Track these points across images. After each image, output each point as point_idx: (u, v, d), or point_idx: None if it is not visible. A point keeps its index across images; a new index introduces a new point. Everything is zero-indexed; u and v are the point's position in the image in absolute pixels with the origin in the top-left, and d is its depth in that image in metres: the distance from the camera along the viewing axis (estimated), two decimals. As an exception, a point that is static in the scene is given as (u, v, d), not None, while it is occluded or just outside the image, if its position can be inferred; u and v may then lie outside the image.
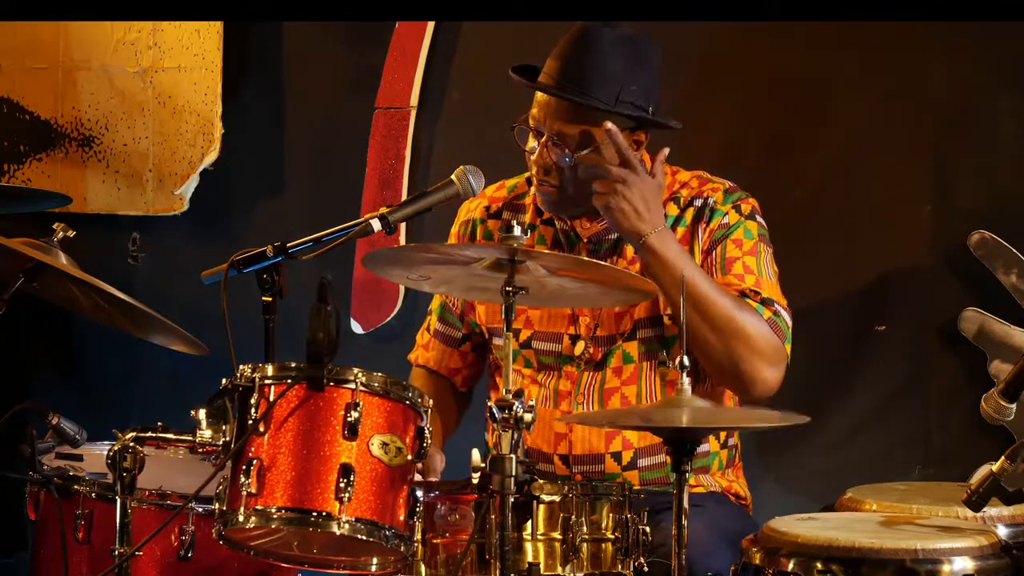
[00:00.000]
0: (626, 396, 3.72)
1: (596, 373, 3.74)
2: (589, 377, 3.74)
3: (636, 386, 3.73)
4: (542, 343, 3.79)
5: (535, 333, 3.79)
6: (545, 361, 3.78)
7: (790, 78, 4.59)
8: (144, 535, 3.24)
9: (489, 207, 3.92)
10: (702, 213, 3.75)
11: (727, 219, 3.74)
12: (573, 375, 3.75)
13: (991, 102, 4.42)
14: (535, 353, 3.79)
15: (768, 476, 4.53)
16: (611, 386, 3.73)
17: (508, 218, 3.87)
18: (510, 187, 3.93)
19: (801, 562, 3.07)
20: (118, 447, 3.20)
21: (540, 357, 3.78)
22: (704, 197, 3.77)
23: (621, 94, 3.63)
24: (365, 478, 3.08)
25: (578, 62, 3.64)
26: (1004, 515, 3.28)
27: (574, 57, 3.65)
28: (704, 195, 3.77)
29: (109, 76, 5.16)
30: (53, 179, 5.19)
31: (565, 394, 3.75)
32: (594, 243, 3.78)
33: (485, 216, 3.91)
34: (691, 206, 3.76)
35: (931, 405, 4.47)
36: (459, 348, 3.95)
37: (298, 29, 5.07)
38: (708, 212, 3.75)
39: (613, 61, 3.64)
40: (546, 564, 3.22)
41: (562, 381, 3.75)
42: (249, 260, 3.44)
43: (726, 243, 3.72)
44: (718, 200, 3.76)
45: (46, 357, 5.32)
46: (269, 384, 3.13)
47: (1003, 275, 4.31)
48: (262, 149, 5.13)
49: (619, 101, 3.63)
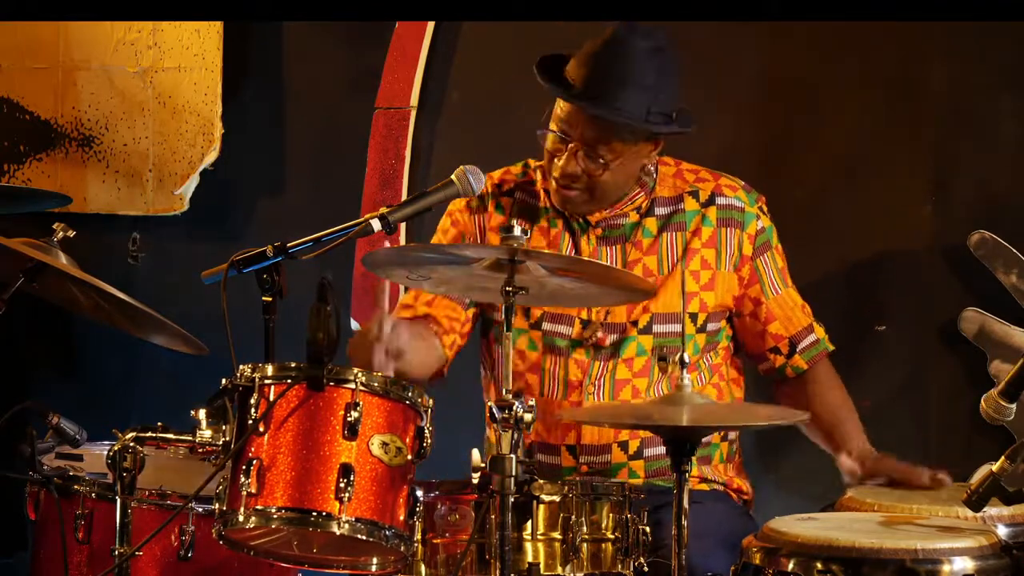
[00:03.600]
0: (637, 387, 3.73)
1: (608, 362, 3.74)
2: (600, 367, 3.74)
3: (648, 378, 3.73)
4: (553, 324, 3.78)
5: (546, 314, 3.78)
6: (554, 344, 3.77)
7: (790, 78, 4.59)
8: (144, 535, 3.24)
9: (501, 184, 3.88)
10: (731, 215, 3.78)
11: (760, 223, 3.80)
12: (584, 364, 3.75)
13: (991, 102, 4.43)
14: (543, 335, 3.78)
15: (768, 476, 4.53)
16: (622, 377, 3.74)
17: (521, 198, 3.86)
18: (517, 172, 3.91)
19: (801, 562, 3.07)
20: (118, 447, 3.20)
21: (548, 339, 3.77)
22: (726, 196, 3.79)
23: (652, 107, 3.62)
24: (365, 478, 3.08)
25: (609, 73, 3.61)
26: (1004, 515, 3.28)
27: (605, 67, 3.61)
28: (725, 193, 3.80)
29: (109, 76, 5.16)
30: (53, 179, 5.19)
31: (575, 384, 3.74)
32: (604, 228, 3.79)
33: (498, 192, 3.87)
34: (714, 204, 3.78)
35: (931, 405, 4.47)
36: (467, 311, 3.86)
37: (298, 29, 5.07)
38: (739, 215, 3.78)
39: (645, 74, 3.61)
40: (546, 564, 3.22)
41: (572, 370, 3.75)
42: (249, 260, 3.43)
43: (772, 252, 3.81)
44: (744, 201, 3.80)
45: (46, 357, 5.32)
46: (269, 384, 3.13)
47: (1003, 275, 4.31)
48: (262, 149, 5.13)
49: (649, 113, 3.62)
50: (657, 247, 3.76)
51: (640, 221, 3.77)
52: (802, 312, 3.85)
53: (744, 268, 3.78)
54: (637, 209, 3.77)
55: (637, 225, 3.77)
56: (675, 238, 3.77)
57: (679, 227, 3.77)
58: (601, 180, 3.68)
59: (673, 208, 3.79)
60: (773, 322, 3.81)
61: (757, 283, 3.79)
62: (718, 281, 3.76)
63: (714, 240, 3.76)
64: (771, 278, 3.80)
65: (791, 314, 3.82)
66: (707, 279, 3.75)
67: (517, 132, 4.78)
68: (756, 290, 3.80)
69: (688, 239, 3.76)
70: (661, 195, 3.79)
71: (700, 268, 3.75)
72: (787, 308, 3.82)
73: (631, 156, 3.68)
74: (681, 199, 3.79)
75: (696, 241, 3.76)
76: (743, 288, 3.79)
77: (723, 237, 3.77)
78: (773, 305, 3.81)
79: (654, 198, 3.79)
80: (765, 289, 3.80)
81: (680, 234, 3.77)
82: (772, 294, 3.80)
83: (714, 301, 3.76)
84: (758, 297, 3.80)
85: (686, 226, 3.77)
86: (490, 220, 3.85)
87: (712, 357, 3.79)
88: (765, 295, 3.80)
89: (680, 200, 3.79)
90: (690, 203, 3.79)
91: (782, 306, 3.81)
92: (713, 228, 3.77)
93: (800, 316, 3.84)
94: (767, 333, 3.81)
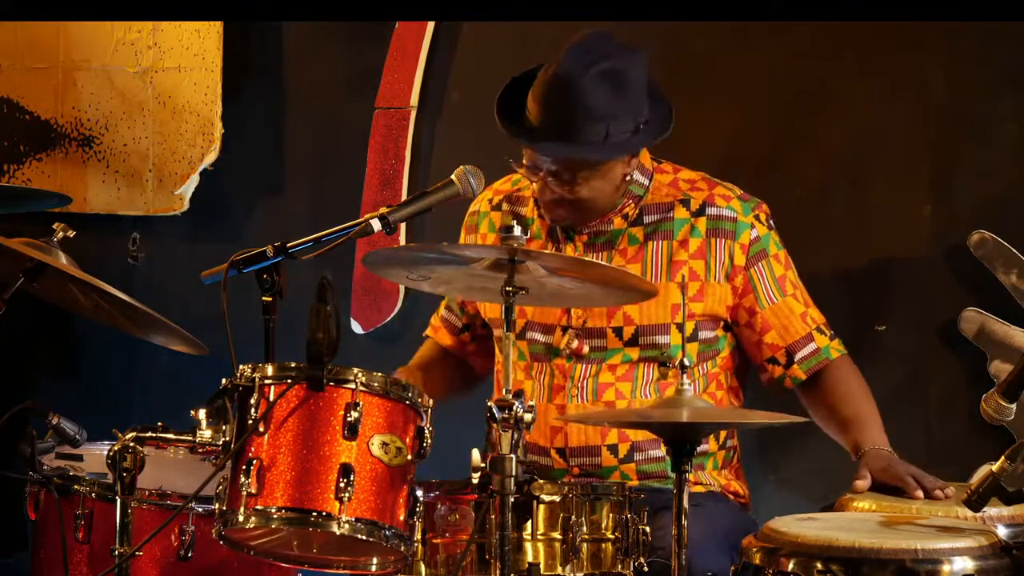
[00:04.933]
0: (620, 391, 3.72)
1: (590, 365, 3.75)
2: (582, 370, 3.75)
3: (631, 383, 3.73)
4: (535, 334, 3.79)
5: (529, 323, 3.79)
6: (536, 351, 3.79)
7: (790, 78, 4.58)
8: (144, 535, 3.24)
9: (492, 199, 3.95)
10: (721, 226, 3.75)
11: (755, 232, 3.77)
12: (564, 368, 3.76)
13: (991, 102, 4.42)
14: (528, 344, 3.80)
15: (768, 476, 4.53)
16: (605, 380, 3.74)
17: (508, 210, 3.91)
18: (514, 181, 3.94)
19: (801, 562, 3.07)
20: (118, 447, 3.20)
21: (532, 347, 3.79)
22: (718, 206, 3.77)
23: (610, 131, 3.62)
24: (365, 478, 3.08)
25: (560, 110, 3.61)
26: (1004, 515, 3.28)
27: (556, 105, 3.61)
28: (717, 203, 3.77)
29: (109, 76, 5.16)
30: (53, 179, 5.19)
31: (559, 388, 3.75)
32: (589, 235, 3.79)
33: (489, 209, 3.95)
34: (704, 214, 3.77)
35: (931, 405, 4.47)
36: (459, 336, 4.01)
37: (298, 29, 5.07)
38: (730, 225, 3.76)
39: (596, 102, 3.60)
40: (546, 564, 3.23)
41: (556, 376, 3.76)
42: (249, 260, 3.44)
43: (769, 260, 3.77)
44: (737, 210, 3.77)
45: (46, 357, 5.32)
46: (269, 384, 3.13)
47: (1003, 275, 4.31)
48: (262, 149, 5.13)
49: (608, 137, 3.62)
50: (642, 255, 3.75)
51: (626, 228, 3.77)
52: (801, 321, 3.80)
53: (737, 278, 3.76)
54: (624, 216, 3.77)
55: (623, 232, 3.77)
56: (661, 247, 3.76)
57: (666, 235, 3.75)
58: (581, 197, 3.70)
59: (662, 216, 3.77)
60: (768, 332, 3.78)
61: (751, 293, 3.77)
62: (707, 292, 3.75)
63: (703, 251, 3.75)
64: (766, 287, 3.78)
65: (788, 323, 3.79)
66: (695, 291, 3.74)
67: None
68: (750, 300, 3.78)
69: (674, 249, 3.75)
70: (652, 202, 3.79)
71: (689, 279, 3.75)
72: (783, 317, 3.79)
73: (604, 173, 3.69)
74: (672, 207, 3.78)
75: (683, 252, 3.75)
76: (737, 298, 3.77)
77: (713, 247, 3.75)
78: (769, 315, 3.78)
79: (644, 206, 3.78)
80: (760, 299, 3.78)
81: (666, 243, 3.75)
82: (768, 303, 3.78)
83: (702, 311, 3.74)
84: (752, 307, 3.78)
85: (673, 235, 3.75)
86: (485, 240, 3.91)
87: (708, 366, 3.79)
88: (760, 305, 3.78)
89: (671, 208, 3.78)
90: (680, 212, 3.77)
91: (778, 315, 3.79)
92: (702, 239, 3.75)
93: (798, 325, 3.80)
94: (763, 343, 3.79)
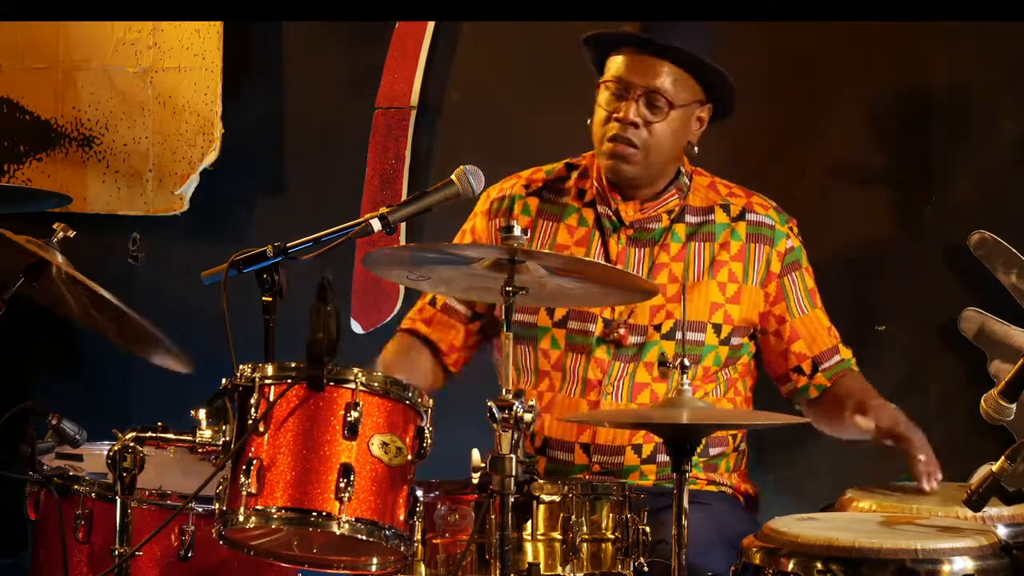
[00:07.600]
0: (656, 392, 3.72)
1: (628, 364, 3.74)
2: (621, 368, 3.74)
3: (667, 385, 3.73)
4: (577, 322, 3.78)
5: (571, 311, 3.78)
6: (576, 341, 3.77)
7: (790, 78, 4.59)
8: (144, 535, 3.24)
9: (528, 185, 3.91)
10: (761, 232, 3.79)
11: (791, 243, 3.81)
12: (603, 363, 3.75)
13: (991, 102, 4.42)
14: (566, 332, 3.79)
15: (768, 476, 4.53)
16: (642, 380, 3.74)
17: (548, 197, 3.88)
18: (547, 170, 3.93)
19: (801, 562, 3.07)
20: (118, 447, 3.20)
21: (572, 336, 3.77)
22: (757, 213, 3.81)
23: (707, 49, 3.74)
24: (365, 478, 3.08)
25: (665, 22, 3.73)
26: (1004, 515, 3.28)
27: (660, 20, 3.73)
28: (756, 210, 3.82)
29: (109, 76, 5.16)
30: (53, 179, 5.19)
31: (594, 383, 3.75)
32: (636, 229, 3.79)
33: (524, 193, 3.90)
34: (743, 219, 3.79)
35: (931, 405, 4.47)
36: (467, 325, 3.93)
37: (298, 29, 5.07)
38: (769, 232, 3.79)
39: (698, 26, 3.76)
40: (546, 564, 3.22)
41: (591, 368, 3.75)
42: (249, 260, 3.44)
43: (801, 272, 3.81)
44: (775, 219, 3.82)
45: (46, 357, 5.32)
46: (269, 384, 3.13)
47: (1003, 275, 4.31)
48: (262, 149, 5.13)
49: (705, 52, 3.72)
50: (685, 254, 3.77)
51: (670, 226, 3.78)
52: (828, 334, 3.83)
53: (771, 285, 3.78)
54: (669, 212, 3.78)
55: (667, 230, 3.78)
56: (703, 248, 3.78)
57: (707, 237, 3.78)
58: (657, 132, 3.70)
59: (703, 218, 3.80)
60: (797, 341, 3.80)
61: (783, 301, 3.79)
62: (744, 295, 3.76)
63: (742, 255, 3.77)
64: (798, 297, 3.80)
65: (816, 334, 3.81)
66: (733, 292, 3.75)
67: (517, 132, 4.80)
68: (781, 308, 3.79)
69: (716, 251, 3.77)
70: (693, 204, 3.81)
71: (727, 280, 3.76)
72: (812, 328, 3.81)
73: (683, 113, 3.72)
74: (712, 211, 3.80)
75: (724, 253, 3.77)
76: (769, 305, 3.79)
77: (751, 252, 3.78)
78: (798, 324, 3.80)
79: (685, 206, 3.80)
80: (791, 307, 3.79)
81: (708, 244, 3.78)
82: (798, 313, 3.80)
83: (739, 315, 3.76)
84: (783, 315, 3.79)
85: (715, 237, 3.78)
86: (519, 221, 3.83)
87: (731, 372, 3.79)
88: (791, 313, 3.79)
89: (711, 211, 3.81)
90: (720, 216, 3.80)
91: (807, 325, 3.81)
92: (742, 243, 3.78)
93: (825, 337, 3.83)
94: (790, 352, 3.81)
